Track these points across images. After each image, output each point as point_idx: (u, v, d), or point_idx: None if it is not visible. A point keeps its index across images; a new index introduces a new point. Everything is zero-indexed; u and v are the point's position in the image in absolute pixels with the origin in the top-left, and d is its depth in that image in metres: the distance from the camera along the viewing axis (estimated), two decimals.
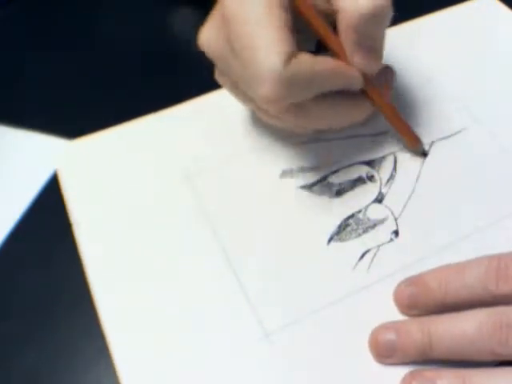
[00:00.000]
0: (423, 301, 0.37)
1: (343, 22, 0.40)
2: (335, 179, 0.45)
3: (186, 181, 0.45)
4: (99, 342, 0.39)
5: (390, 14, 0.40)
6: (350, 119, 0.45)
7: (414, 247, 0.41)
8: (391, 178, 0.45)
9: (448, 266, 0.38)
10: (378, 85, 0.44)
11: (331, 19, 0.41)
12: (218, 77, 0.44)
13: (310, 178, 0.45)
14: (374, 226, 0.42)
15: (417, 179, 0.44)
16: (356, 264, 0.41)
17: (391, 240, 0.42)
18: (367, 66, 0.42)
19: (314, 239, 0.42)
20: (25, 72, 0.56)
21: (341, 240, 0.42)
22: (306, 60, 0.39)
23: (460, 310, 0.36)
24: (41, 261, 0.44)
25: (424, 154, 0.45)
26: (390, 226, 0.42)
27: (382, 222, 0.43)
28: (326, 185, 0.45)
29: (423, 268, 0.39)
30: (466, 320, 0.35)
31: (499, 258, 0.36)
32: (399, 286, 0.38)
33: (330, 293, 0.39)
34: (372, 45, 0.41)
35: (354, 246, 0.41)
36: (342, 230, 0.42)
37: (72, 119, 0.51)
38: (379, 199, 0.44)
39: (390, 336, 0.36)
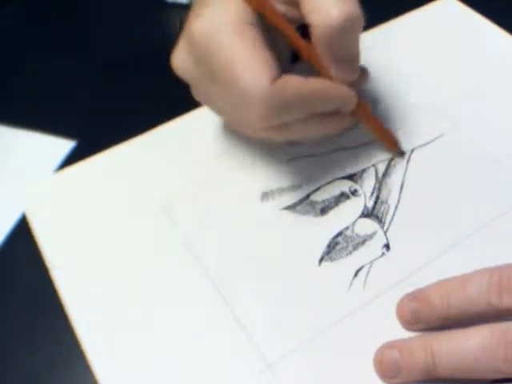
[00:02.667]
0: (426, 316, 0.37)
1: (316, 37, 0.40)
2: (318, 197, 0.44)
3: (163, 212, 0.44)
4: None
5: (362, 22, 0.40)
6: (330, 132, 0.45)
7: (407, 259, 0.40)
8: (374, 190, 0.44)
9: (449, 280, 0.37)
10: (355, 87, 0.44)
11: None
12: (195, 95, 0.44)
13: (292, 198, 0.44)
14: (363, 241, 0.42)
15: (400, 189, 0.44)
16: (351, 283, 0.40)
17: (383, 254, 0.41)
18: (345, 77, 0.42)
19: (305, 261, 0.41)
20: (25, 72, 0.56)
21: (331, 259, 0.41)
22: (294, 82, 0.39)
23: (463, 324, 0.35)
24: (41, 261, 0.43)
25: (402, 153, 0.45)
26: (379, 240, 0.41)
27: (371, 236, 0.42)
28: (309, 204, 0.44)
29: (419, 280, 0.39)
30: (469, 338, 0.34)
31: (500, 270, 0.36)
32: (401, 301, 0.38)
33: (328, 315, 0.38)
34: (347, 55, 0.41)
35: (346, 264, 0.41)
36: (332, 249, 0.41)
37: (72, 119, 0.52)
38: (365, 213, 0.43)
39: (394, 355, 0.36)
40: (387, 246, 0.41)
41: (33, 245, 0.44)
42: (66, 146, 0.50)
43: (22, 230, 0.45)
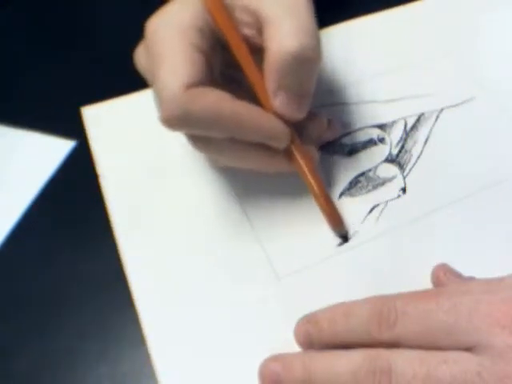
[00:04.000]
0: (317, 339, 0.36)
1: (267, 61, 0.39)
2: (347, 140, 0.47)
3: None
4: (99, 343, 0.40)
5: (319, 60, 0.39)
6: (258, 166, 0.43)
7: (420, 203, 0.44)
8: (401, 140, 0.47)
9: (338, 306, 0.36)
10: (307, 139, 0.43)
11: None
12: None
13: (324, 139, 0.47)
14: (383, 183, 0.45)
15: (425, 142, 0.47)
16: (365, 217, 0.43)
17: (399, 196, 0.44)
18: (289, 112, 0.40)
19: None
20: (25, 72, 0.56)
21: (351, 195, 0.44)
22: (210, 97, 0.38)
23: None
24: (41, 261, 0.44)
25: (344, 238, 0.42)
26: (398, 183, 0.45)
27: (390, 180, 0.45)
28: (338, 145, 0.47)
29: (429, 222, 0.42)
30: (342, 362, 0.34)
31: (383, 302, 0.35)
32: (297, 323, 0.37)
33: (338, 243, 0.42)
34: (297, 90, 0.40)
35: (363, 201, 0.44)
36: (353, 186, 0.45)
37: (72, 119, 0.51)
38: (389, 159, 0.46)
39: (276, 368, 0.35)
40: (403, 190, 0.44)
41: (33, 244, 0.44)
42: (66, 146, 0.50)
43: (22, 230, 0.45)
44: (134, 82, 0.50)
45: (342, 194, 0.45)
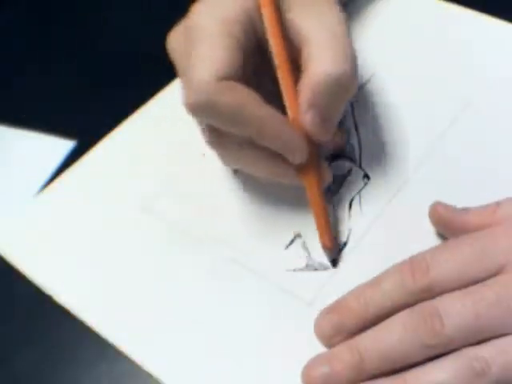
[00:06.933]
0: (347, 323, 0.36)
1: (305, 79, 0.39)
2: None
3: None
4: (100, 343, 0.39)
5: (355, 87, 0.40)
6: (269, 174, 0.42)
7: (388, 181, 0.45)
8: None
9: (363, 284, 0.37)
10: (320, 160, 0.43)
11: None
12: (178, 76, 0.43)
13: None
14: (344, 179, 0.45)
15: (356, 129, 0.48)
16: (349, 213, 0.44)
17: (366, 184, 0.45)
18: (315, 131, 0.40)
19: (301, 209, 0.43)
20: (25, 72, 0.56)
21: (327, 202, 0.43)
22: (240, 93, 0.38)
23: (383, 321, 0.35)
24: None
25: (334, 262, 0.42)
26: (358, 173, 0.45)
27: (349, 173, 0.46)
28: None
29: (410, 190, 0.44)
30: (390, 325, 0.34)
31: (410, 259, 0.36)
32: (317, 319, 0.37)
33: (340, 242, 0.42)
34: (327, 111, 0.40)
35: (337, 201, 0.44)
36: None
37: (72, 119, 0.51)
38: (335, 156, 0.47)
39: (324, 369, 0.35)
40: (367, 176, 0.45)
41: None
42: (65, 146, 0.49)
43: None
44: (134, 81, 0.53)
45: None
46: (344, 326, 0.36)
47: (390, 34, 0.54)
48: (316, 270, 0.41)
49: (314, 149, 0.41)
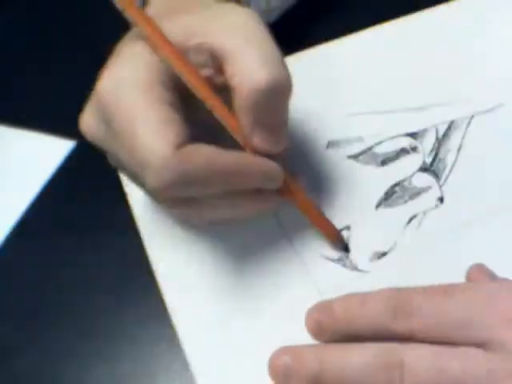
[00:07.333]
0: (329, 328, 0.35)
1: (238, 101, 0.36)
2: (380, 150, 0.46)
3: None
4: (99, 343, 0.40)
5: (290, 87, 0.37)
6: (252, 213, 0.41)
7: (459, 212, 0.43)
8: (434, 148, 0.46)
9: (353, 296, 0.36)
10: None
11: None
12: (110, 161, 0.40)
13: (356, 148, 0.46)
14: (419, 193, 0.44)
15: (458, 150, 0.46)
16: (404, 228, 0.42)
17: (436, 206, 0.43)
18: (270, 147, 0.38)
19: (363, 205, 0.44)
20: (25, 72, 0.56)
21: (388, 206, 0.43)
22: (204, 152, 0.36)
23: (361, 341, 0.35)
24: (41, 261, 0.44)
25: (346, 249, 0.42)
26: (434, 193, 0.44)
27: (426, 189, 0.44)
28: (371, 155, 0.46)
29: (468, 232, 0.41)
30: (355, 354, 0.33)
31: (401, 293, 0.35)
32: (309, 312, 0.36)
33: (379, 253, 0.41)
34: (273, 123, 0.38)
35: (400, 211, 0.43)
36: (389, 197, 0.44)
37: (72, 119, 0.49)
38: (423, 168, 0.45)
39: (286, 360, 0.34)
40: (441, 199, 0.43)
41: (33, 244, 0.45)
42: (65, 146, 0.49)
43: (22, 230, 0.45)
44: None
45: (378, 205, 0.44)
46: (326, 329, 0.35)
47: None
48: (345, 266, 0.41)
49: (281, 162, 0.39)
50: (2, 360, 0.40)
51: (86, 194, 0.47)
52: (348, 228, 0.42)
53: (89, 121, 0.38)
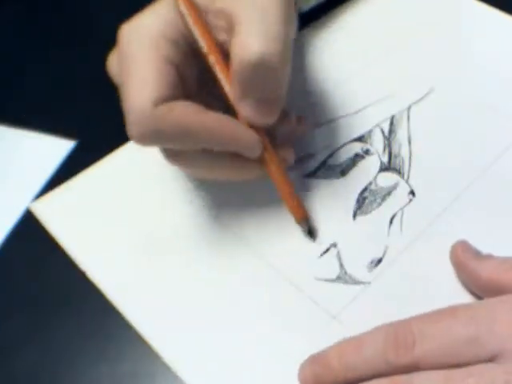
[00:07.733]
0: (328, 379, 0.34)
1: (231, 69, 0.38)
2: (334, 161, 0.47)
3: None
4: (99, 342, 0.40)
5: (284, 64, 0.38)
6: (233, 175, 0.42)
7: (434, 199, 0.44)
8: (385, 146, 0.47)
9: (346, 341, 0.35)
10: (280, 138, 0.43)
11: None
12: None
13: (310, 166, 0.47)
14: (389, 192, 0.45)
15: (409, 142, 0.47)
16: (389, 229, 0.43)
17: (410, 200, 0.44)
18: (256, 119, 0.39)
19: (340, 218, 0.44)
20: (24, 72, 0.56)
21: (364, 213, 0.44)
22: (180, 110, 0.37)
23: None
24: (40, 261, 0.44)
25: (311, 234, 0.43)
26: (403, 188, 0.45)
27: (394, 187, 0.45)
28: (328, 168, 0.47)
29: (450, 217, 0.43)
30: None
31: (396, 327, 0.34)
32: (302, 366, 0.36)
33: (374, 260, 0.42)
34: (262, 96, 0.39)
35: (379, 215, 0.44)
36: (362, 204, 0.44)
37: (72, 119, 0.52)
38: (383, 168, 0.46)
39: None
40: (413, 193, 0.44)
41: (33, 244, 0.45)
42: (65, 146, 0.50)
43: (23, 230, 0.46)
44: None
45: (355, 215, 0.44)
46: (324, 380, 0.35)
47: (449, 44, 0.54)
48: (346, 283, 0.41)
49: (263, 134, 0.40)
50: (2, 360, 0.39)
51: None
52: (334, 245, 0.42)
53: (112, 61, 0.41)
